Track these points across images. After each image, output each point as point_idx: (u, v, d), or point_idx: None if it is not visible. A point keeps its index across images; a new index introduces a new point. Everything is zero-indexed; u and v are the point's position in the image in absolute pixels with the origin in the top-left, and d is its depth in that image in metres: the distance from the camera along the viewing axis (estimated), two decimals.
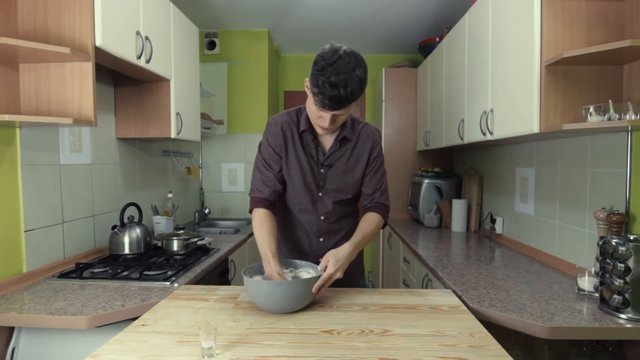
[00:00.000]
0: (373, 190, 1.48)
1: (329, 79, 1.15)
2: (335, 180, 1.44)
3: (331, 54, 1.18)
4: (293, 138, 1.42)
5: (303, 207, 1.46)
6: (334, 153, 1.42)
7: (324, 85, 1.16)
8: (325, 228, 1.48)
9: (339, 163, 1.43)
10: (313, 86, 1.20)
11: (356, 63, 1.19)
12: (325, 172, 1.43)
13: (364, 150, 1.45)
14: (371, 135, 1.46)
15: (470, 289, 1.52)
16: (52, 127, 1.68)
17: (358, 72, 1.19)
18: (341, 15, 3.22)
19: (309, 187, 1.44)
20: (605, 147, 1.58)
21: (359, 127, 1.46)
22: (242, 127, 3.64)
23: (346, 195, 1.47)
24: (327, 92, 1.16)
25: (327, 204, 1.45)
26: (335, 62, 1.16)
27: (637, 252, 1.20)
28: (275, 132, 1.42)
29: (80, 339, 1.37)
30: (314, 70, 1.19)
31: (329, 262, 1.25)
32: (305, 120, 1.39)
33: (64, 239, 1.81)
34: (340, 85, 1.16)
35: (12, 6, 1.52)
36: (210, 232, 3.02)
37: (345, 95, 1.17)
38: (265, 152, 1.44)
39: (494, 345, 1.01)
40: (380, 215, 1.46)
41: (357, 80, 1.18)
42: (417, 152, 3.64)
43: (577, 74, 1.52)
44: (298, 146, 1.42)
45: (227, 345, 1.00)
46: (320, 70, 1.17)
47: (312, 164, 1.43)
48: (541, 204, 2.04)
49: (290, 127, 1.42)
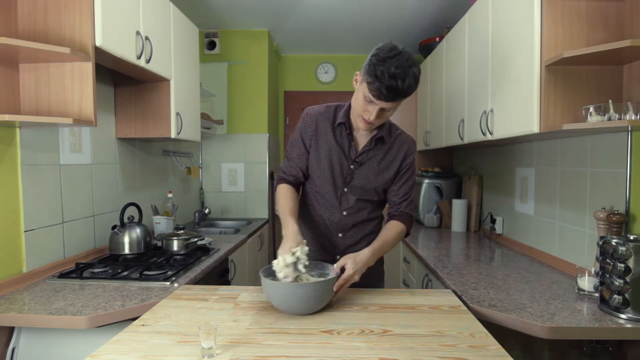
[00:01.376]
0: (401, 199, 1.47)
1: (388, 70, 1.18)
2: (362, 178, 1.44)
3: (390, 49, 1.23)
4: (326, 130, 1.44)
5: (327, 199, 1.47)
6: (367, 152, 1.43)
7: (382, 75, 1.19)
8: (346, 224, 1.47)
9: (370, 163, 1.44)
10: (370, 75, 1.22)
11: (413, 61, 1.24)
12: (355, 169, 1.43)
13: (397, 156, 1.45)
14: (406, 143, 1.47)
15: (470, 289, 1.52)
16: (52, 127, 1.68)
17: (415, 69, 1.23)
18: (341, 15, 3.22)
19: (336, 180, 1.44)
20: (605, 147, 1.58)
21: (395, 133, 1.47)
22: (242, 127, 3.64)
23: (371, 197, 1.46)
24: (386, 82, 1.19)
25: (350, 200, 1.45)
26: (395, 56, 1.20)
27: (637, 252, 1.20)
28: (308, 123, 1.45)
29: (80, 339, 1.36)
30: (374, 60, 1.22)
31: (347, 264, 1.26)
32: (344, 115, 1.42)
33: (64, 239, 1.81)
34: (398, 77, 1.19)
35: (12, 6, 1.52)
36: (210, 232, 3.02)
37: (402, 87, 1.20)
38: (293, 140, 1.49)
39: (494, 345, 1.01)
40: (404, 225, 1.47)
41: (413, 76, 1.22)
42: (417, 152, 3.63)
43: (577, 74, 1.52)
44: (331, 138, 1.43)
45: (227, 345, 1.00)
46: (380, 60, 1.20)
47: (343, 158, 1.43)
48: (541, 204, 2.04)
49: (325, 119, 1.45)
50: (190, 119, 2.48)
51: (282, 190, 1.46)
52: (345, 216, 1.47)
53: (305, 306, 1.18)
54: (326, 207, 1.48)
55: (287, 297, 1.16)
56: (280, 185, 1.49)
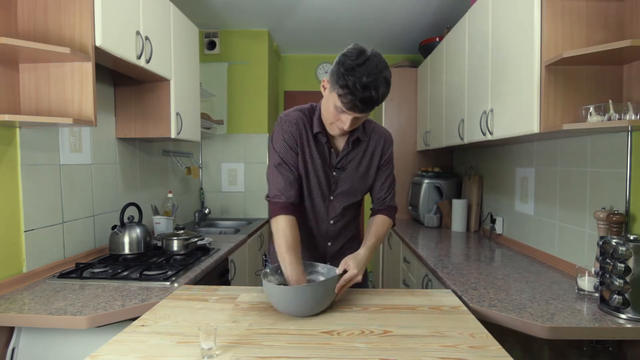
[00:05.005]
0: (385, 194, 1.47)
1: (360, 80, 1.12)
2: (346, 183, 1.41)
3: (357, 54, 1.15)
4: (308, 138, 1.36)
5: (314, 211, 1.43)
6: (346, 155, 1.39)
7: (354, 87, 1.12)
8: (333, 232, 1.47)
9: (351, 165, 1.41)
10: (340, 87, 1.15)
11: (384, 65, 1.17)
12: (338, 175, 1.40)
13: (376, 151, 1.43)
14: (382, 136, 1.45)
15: (470, 289, 1.52)
16: (52, 127, 1.68)
17: (386, 73, 1.17)
18: (341, 15, 3.22)
19: (323, 190, 1.41)
20: (605, 147, 1.58)
21: (370, 128, 1.43)
22: (242, 127, 3.64)
23: (355, 199, 1.45)
24: (359, 94, 1.13)
25: (337, 208, 1.44)
26: (364, 63, 1.13)
27: (637, 252, 1.20)
28: (291, 130, 1.34)
29: (80, 339, 1.36)
30: (342, 70, 1.14)
31: (350, 264, 1.26)
32: (318, 121, 1.35)
33: (64, 239, 1.81)
34: (371, 86, 1.13)
35: (12, 6, 1.52)
36: (210, 232, 3.02)
37: (376, 96, 1.15)
38: (283, 152, 1.33)
39: (494, 346, 1.01)
40: (390, 218, 1.47)
41: (385, 82, 1.16)
42: (417, 152, 3.64)
43: (577, 74, 1.52)
44: (313, 148, 1.36)
45: (226, 346, 1.00)
46: (348, 70, 1.13)
47: (325, 167, 1.39)
48: (541, 204, 2.04)
49: (305, 126, 1.36)
50: (190, 119, 2.48)
51: (283, 226, 1.27)
52: (332, 225, 1.46)
53: (307, 308, 1.18)
54: (314, 218, 1.44)
55: (288, 301, 1.16)
56: (281, 219, 1.29)
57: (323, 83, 1.26)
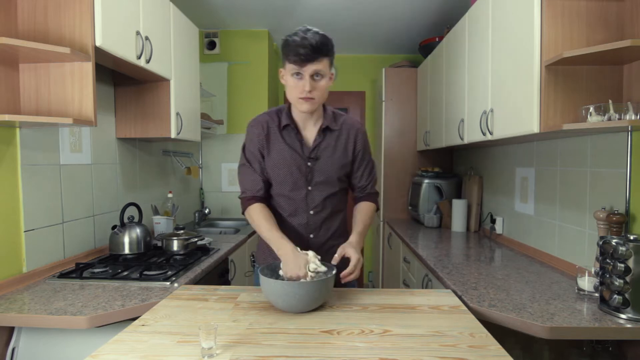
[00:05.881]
0: (365, 182, 1.52)
1: (296, 34, 1.27)
2: (322, 172, 1.44)
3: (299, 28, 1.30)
4: (275, 136, 1.43)
5: (293, 204, 1.46)
6: (318, 145, 1.43)
7: (293, 41, 1.25)
8: (315, 224, 1.47)
9: (325, 154, 1.44)
10: (284, 54, 1.28)
11: (322, 33, 1.30)
12: (313, 165, 1.43)
13: (349, 141, 1.47)
14: (354, 126, 1.49)
15: (470, 289, 1.52)
16: (52, 127, 1.68)
17: (320, 32, 1.29)
18: (341, 15, 3.22)
19: (298, 182, 1.44)
20: (605, 147, 1.58)
21: (340, 119, 1.48)
22: (242, 127, 3.63)
23: (334, 188, 1.47)
24: (298, 42, 1.25)
25: (316, 198, 1.46)
26: (302, 30, 1.29)
27: (637, 252, 1.20)
28: (257, 132, 1.44)
29: (80, 339, 1.37)
30: (284, 40, 1.29)
31: (347, 250, 1.30)
32: (287, 116, 1.42)
33: (64, 239, 1.81)
34: (308, 34, 1.26)
35: (12, 6, 1.52)
36: (210, 232, 3.02)
37: (315, 40, 1.25)
38: (248, 153, 1.46)
39: (494, 346, 1.01)
40: (373, 203, 1.52)
41: (320, 34, 1.28)
42: (417, 152, 3.64)
43: (577, 74, 1.52)
44: (281, 143, 1.43)
45: (227, 345, 1.00)
46: (287, 36, 1.29)
47: (298, 159, 1.43)
48: (541, 204, 2.04)
49: (271, 126, 1.44)
50: (190, 119, 2.48)
51: (256, 210, 1.42)
52: (312, 215, 1.47)
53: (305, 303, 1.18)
54: (293, 211, 1.47)
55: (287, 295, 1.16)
56: (252, 206, 1.43)
57: (280, 73, 1.37)
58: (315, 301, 1.20)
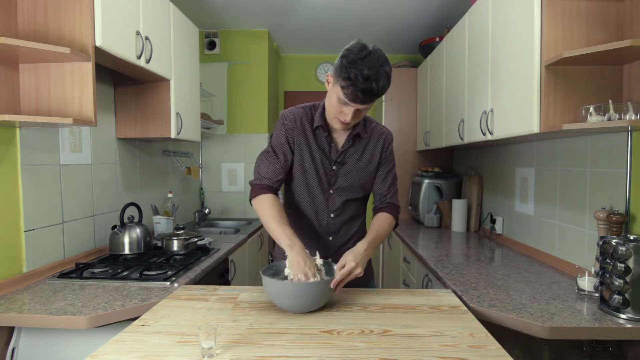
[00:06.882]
0: (385, 191, 1.49)
1: (361, 72, 1.17)
2: (346, 177, 1.44)
3: (360, 49, 1.21)
4: (307, 133, 1.41)
5: (314, 204, 1.45)
6: (347, 150, 1.43)
7: (356, 78, 1.17)
8: (334, 226, 1.47)
9: (351, 160, 1.44)
10: (343, 79, 1.20)
11: (384, 59, 1.22)
12: (338, 169, 1.43)
13: (376, 149, 1.46)
14: (383, 135, 1.47)
15: (470, 289, 1.52)
16: (52, 127, 1.68)
17: (386, 67, 1.21)
18: (341, 15, 3.22)
19: (322, 183, 1.43)
20: (605, 147, 1.58)
21: (370, 126, 1.47)
22: (242, 127, 3.64)
23: (356, 194, 1.46)
24: (360, 85, 1.18)
25: (337, 202, 1.45)
26: (366, 57, 1.19)
27: (637, 252, 1.20)
28: (291, 124, 1.40)
29: (80, 339, 1.37)
30: (345, 63, 1.19)
31: (347, 258, 1.26)
32: (320, 117, 1.40)
33: (64, 239, 1.81)
34: (372, 78, 1.18)
35: (12, 6, 1.52)
36: (210, 232, 3.02)
37: (377, 88, 1.19)
38: (276, 142, 1.41)
39: (494, 346, 1.01)
40: (392, 216, 1.47)
41: (386, 76, 1.21)
42: (417, 152, 3.64)
43: (577, 74, 1.52)
44: (312, 142, 1.41)
45: (227, 345, 1.00)
46: (351, 63, 1.18)
47: (325, 160, 1.43)
48: (541, 204, 2.04)
49: (305, 122, 1.42)
50: (190, 119, 2.48)
51: (269, 201, 1.35)
52: (333, 218, 1.46)
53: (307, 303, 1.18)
54: (314, 211, 1.46)
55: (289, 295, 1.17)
56: (265, 196, 1.37)
57: (327, 77, 1.31)
58: (321, 301, 1.21)
